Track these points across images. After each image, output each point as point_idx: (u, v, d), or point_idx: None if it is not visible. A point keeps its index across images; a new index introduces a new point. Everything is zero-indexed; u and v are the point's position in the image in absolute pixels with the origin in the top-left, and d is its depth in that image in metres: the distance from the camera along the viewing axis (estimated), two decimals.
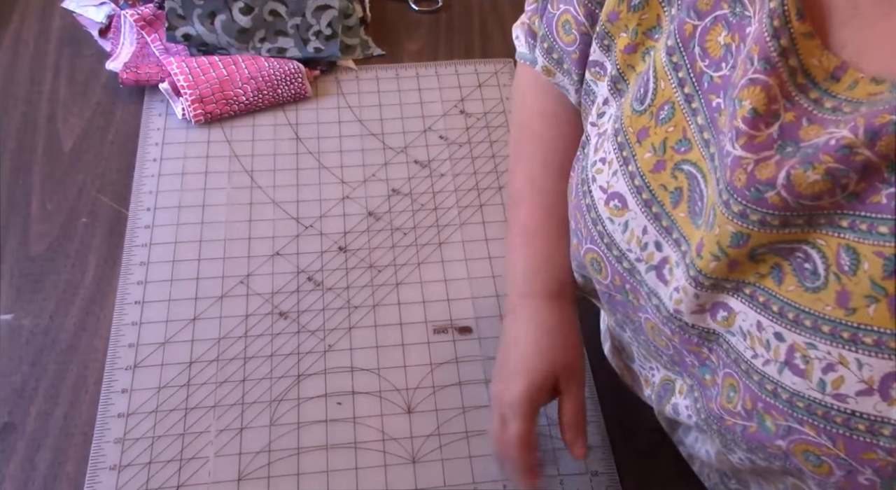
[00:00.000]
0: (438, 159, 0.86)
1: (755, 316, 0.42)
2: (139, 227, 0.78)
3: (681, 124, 0.45)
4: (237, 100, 0.87)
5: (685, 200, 0.45)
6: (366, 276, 0.77)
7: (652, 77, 0.47)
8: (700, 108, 0.44)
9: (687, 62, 0.45)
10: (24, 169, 0.83)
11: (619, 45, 0.49)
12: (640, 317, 0.52)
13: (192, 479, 0.64)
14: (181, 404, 0.67)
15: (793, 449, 0.42)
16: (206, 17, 0.89)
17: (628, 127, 0.48)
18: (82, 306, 0.73)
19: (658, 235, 0.47)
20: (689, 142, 0.45)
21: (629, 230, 0.49)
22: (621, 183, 0.49)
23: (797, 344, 0.40)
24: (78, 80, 0.91)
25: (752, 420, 0.44)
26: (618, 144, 0.49)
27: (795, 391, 0.41)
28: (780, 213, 0.39)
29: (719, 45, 0.43)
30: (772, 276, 0.41)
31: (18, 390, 0.68)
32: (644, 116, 0.47)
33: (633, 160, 0.48)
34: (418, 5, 1.02)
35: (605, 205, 0.50)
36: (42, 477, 0.64)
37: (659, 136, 0.46)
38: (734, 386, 0.45)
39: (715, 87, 0.43)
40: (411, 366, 0.71)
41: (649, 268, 0.48)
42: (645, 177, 0.47)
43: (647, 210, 0.47)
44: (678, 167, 0.46)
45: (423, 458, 0.66)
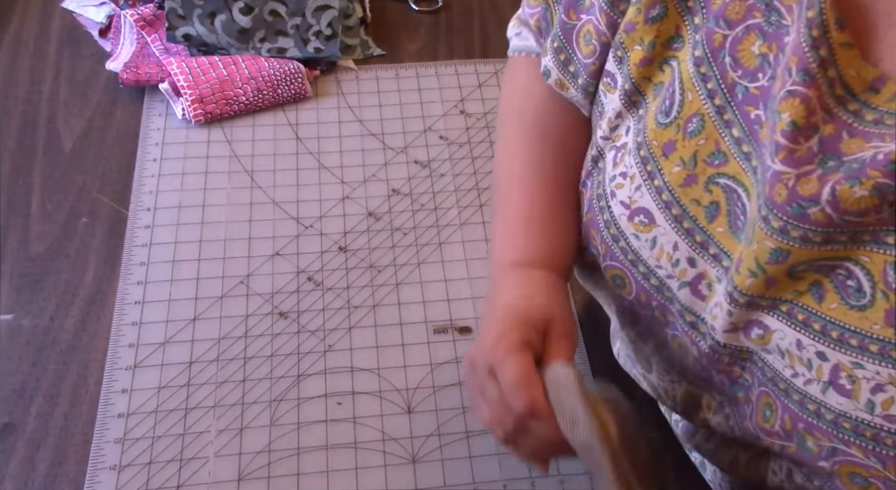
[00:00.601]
0: (438, 159, 0.86)
1: (794, 334, 0.41)
2: (139, 227, 0.78)
3: (713, 137, 0.44)
4: (237, 100, 0.87)
5: (723, 215, 0.44)
6: (366, 276, 0.77)
7: (678, 89, 0.45)
8: (734, 120, 0.43)
9: (717, 73, 0.43)
10: (24, 169, 0.83)
11: (634, 58, 0.48)
12: (667, 333, 0.51)
13: (192, 479, 0.64)
14: (181, 404, 0.67)
15: (837, 470, 0.41)
16: (206, 17, 0.89)
17: (652, 140, 0.47)
18: (82, 306, 0.73)
19: (691, 251, 0.46)
20: (724, 154, 0.43)
21: (658, 246, 0.47)
22: (646, 198, 0.47)
23: (842, 363, 0.39)
24: (78, 80, 0.91)
25: (792, 440, 0.43)
26: (641, 158, 0.48)
27: (841, 412, 0.39)
28: (823, 230, 0.38)
29: (753, 54, 0.42)
30: (811, 293, 0.40)
31: (18, 390, 0.68)
32: (670, 129, 0.46)
33: (658, 174, 0.46)
34: (418, 5, 1.02)
35: (629, 220, 0.49)
36: (42, 477, 0.64)
37: (688, 150, 0.45)
38: (771, 405, 0.44)
39: (752, 98, 0.42)
40: (411, 366, 0.71)
41: (682, 284, 0.47)
42: (674, 191, 0.46)
43: (678, 225, 0.46)
44: (713, 181, 0.44)
45: (423, 458, 0.66)
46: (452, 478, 0.65)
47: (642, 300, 0.51)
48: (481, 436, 0.67)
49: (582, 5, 0.52)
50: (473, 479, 0.65)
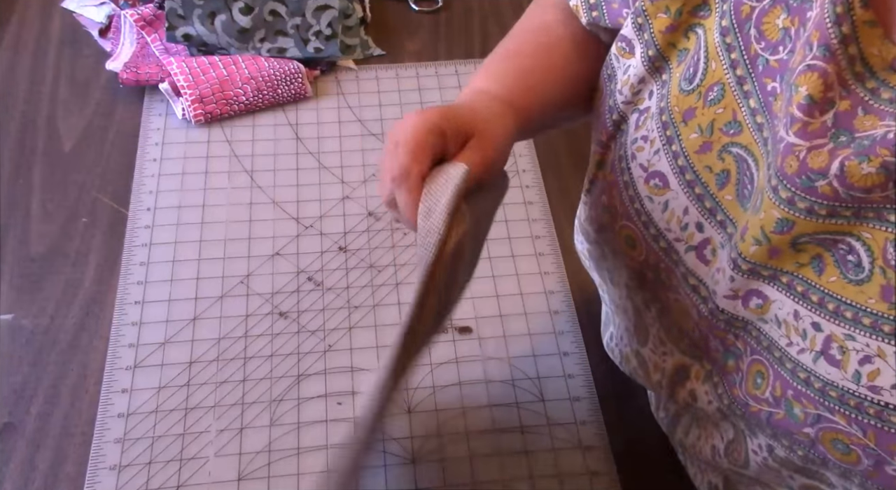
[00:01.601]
0: None
1: (792, 305, 0.42)
2: (139, 227, 0.78)
3: (731, 106, 0.45)
4: (237, 100, 0.87)
5: (733, 183, 0.45)
6: (366, 276, 0.77)
7: (703, 57, 0.46)
8: (752, 91, 0.44)
9: (741, 44, 0.44)
10: (24, 169, 0.83)
11: (658, 26, 0.48)
12: (670, 297, 0.52)
13: (192, 479, 0.64)
14: (181, 404, 0.67)
15: (821, 436, 0.43)
16: (206, 17, 0.89)
17: (674, 106, 0.48)
18: (82, 306, 0.73)
19: (700, 216, 0.47)
20: (739, 124, 0.44)
21: (669, 210, 0.49)
22: (663, 162, 0.49)
23: (835, 334, 0.40)
24: (78, 80, 0.91)
25: (780, 407, 0.44)
26: (661, 123, 0.49)
27: (829, 381, 0.41)
28: (829, 203, 0.39)
29: (777, 27, 0.42)
30: (812, 266, 0.41)
31: (18, 390, 0.68)
32: (692, 96, 0.47)
33: (677, 140, 0.48)
34: (418, 5, 1.02)
35: (645, 183, 0.50)
36: (42, 477, 0.64)
37: (707, 117, 0.46)
38: (762, 373, 0.46)
39: (771, 70, 0.43)
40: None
41: (689, 248, 0.48)
42: (689, 157, 0.47)
43: (690, 190, 0.47)
44: (726, 149, 0.45)
45: (423, 458, 0.66)
46: (452, 478, 0.65)
47: (650, 262, 0.52)
48: (481, 436, 0.67)
49: None
50: (473, 479, 0.65)
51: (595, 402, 0.70)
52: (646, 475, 0.66)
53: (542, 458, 0.66)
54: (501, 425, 0.68)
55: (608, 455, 0.67)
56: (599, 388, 0.71)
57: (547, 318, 0.75)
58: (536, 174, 0.86)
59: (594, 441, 0.67)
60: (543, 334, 0.74)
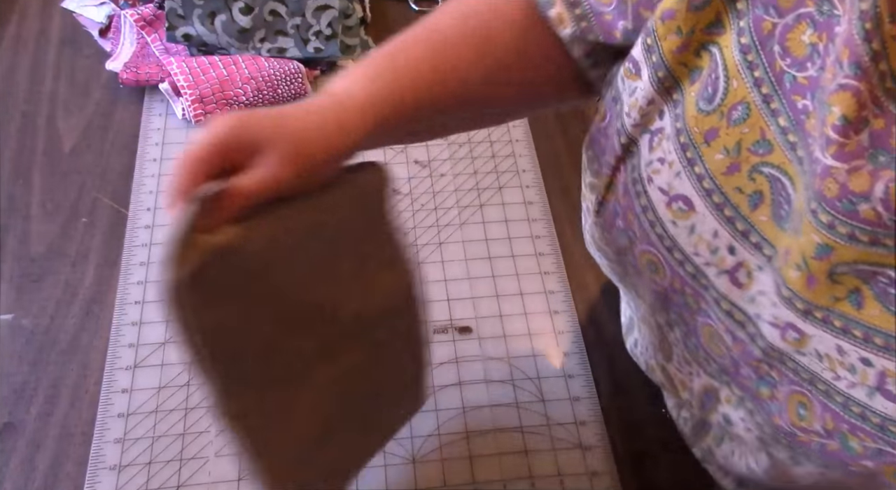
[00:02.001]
0: (438, 159, 0.86)
1: (833, 340, 0.41)
2: (139, 227, 0.78)
3: (758, 125, 0.43)
4: (237, 100, 0.87)
5: (767, 203, 0.43)
6: None
7: (722, 75, 0.44)
8: (781, 109, 0.42)
9: (765, 61, 0.42)
10: (24, 169, 0.83)
11: (668, 46, 0.46)
12: (698, 320, 0.50)
13: (192, 479, 0.64)
14: (181, 404, 0.67)
15: (884, 469, 0.41)
16: (206, 17, 0.89)
17: (693, 127, 0.46)
18: (82, 306, 0.73)
19: (732, 239, 0.45)
20: (769, 143, 0.43)
21: (696, 233, 0.47)
22: (686, 184, 0.47)
23: (889, 370, 0.39)
24: (78, 80, 0.91)
25: (834, 439, 0.43)
26: (680, 145, 0.47)
27: (888, 417, 0.39)
28: (871, 229, 0.37)
29: (803, 44, 0.41)
30: (849, 300, 0.40)
31: (18, 390, 0.68)
32: (713, 116, 0.45)
33: (700, 162, 0.46)
34: (418, 5, 1.02)
35: (667, 207, 0.48)
36: (42, 477, 0.64)
37: (732, 138, 0.44)
38: (805, 404, 0.44)
39: (800, 87, 0.41)
40: None
41: (720, 272, 0.46)
42: (716, 179, 0.45)
43: (719, 213, 0.45)
44: (756, 169, 0.43)
45: (423, 458, 0.66)
46: (452, 478, 0.65)
47: (676, 286, 0.50)
48: (481, 436, 0.67)
49: None
50: (473, 479, 0.65)
51: (595, 402, 0.70)
52: (646, 475, 0.66)
53: (542, 458, 0.66)
54: (501, 425, 0.68)
55: (608, 455, 0.67)
56: (599, 388, 0.71)
57: (547, 318, 0.75)
58: (536, 174, 0.86)
59: (594, 441, 0.67)
60: (543, 334, 0.74)
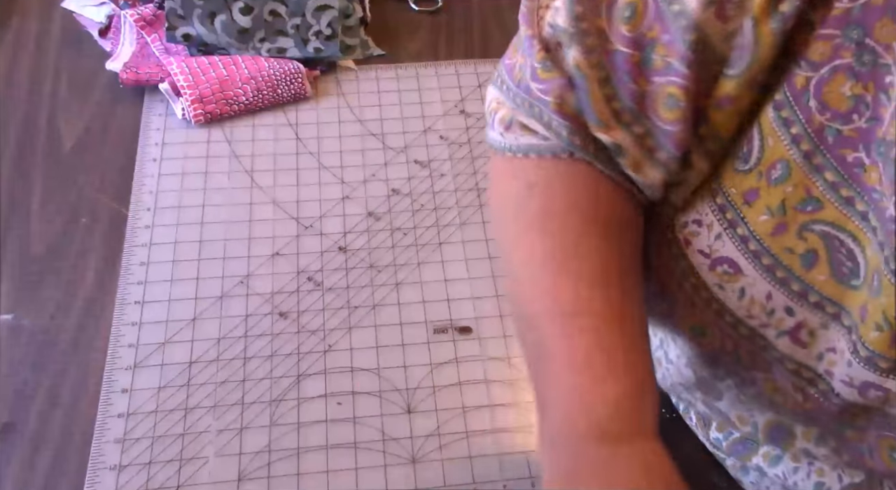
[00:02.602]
0: (438, 159, 0.86)
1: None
2: (139, 227, 0.78)
3: (802, 183, 0.41)
4: (237, 100, 0.87)
5: (824, 262, 0.42)
6: (366, 276, 0.77)
7: (757, 135, 0.42)
8: (826, 165, 0.40)
9: (801, 117, 0.41)
10: (24, 169, 0.83)
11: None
12: (758, 376, 0.48)
13: (192, 479, 0.64)
14: (181, 404, 0.67)
15: None
16: (206, 17, 0.89)
17: (730, 188, 0.44)
18: (82, 306, 0.73)
19: (788, 301, 0.44)
20: (817, 200, 0.41)
21: (747, 296, 0.45)
22: (729, 247, 0.45)
23: None
24: (78, 80, 0.91)
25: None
26: (717, 206, 0.45)
27: None
28: None
29: (844, 96, 0.39)
30: None
31: (18, 390, 0.68)
32: (751, 176, 0.43)
33: (742, 223, 0.44)
34: (418, 5, 1.02)
35: (711, 270, 0.46)
36: (42, 477, 0.64)
37: (775, 197, 0.42)
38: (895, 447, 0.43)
39: (847, 140, 0.39)
40: (411, 366, 0.71)
41: (780, 333, 0.45)
42: (762, 240, 0.43)
43: (770, 275, 0.44)
44: (806, 228, 0.42)
45: (423, 458, 0.66)
46: (452, 478, 0.65)
47: (727, 347, 0.48)
48: (481, 436, 0.67)
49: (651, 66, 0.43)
50: (473, 479, 0.65)
51: None
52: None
53: None
54: (501, 425, 0.68)
55: None
56: None
57: None
58: None
59: None
60: None
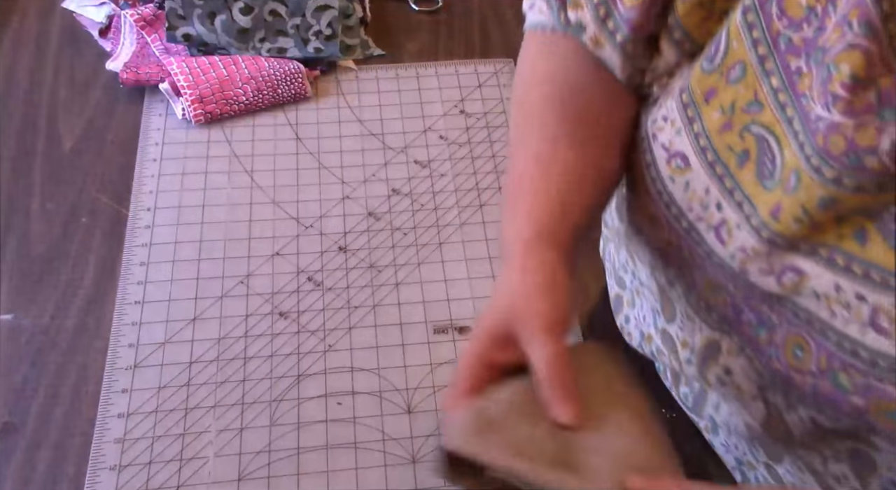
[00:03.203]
0: (438, 159, 0.86)
1: (832, 278, 0.42)
2: (139, 227, 0.78)
3: (752, 85, 0.45)
4: (237, 100, 0.87)
5: (752, 162, 0.45)
6: (366, 276, 0.77)
7: (724, 36, 0.46)
8: (775, 70, 0.44)
9: (763, 22, 0.44)
10: (24, 169, 0.83)
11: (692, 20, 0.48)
12: (696, 274, 0.52)
13: (192, 479, 0.64)
14: (181, 404, 0.67)
15: (870, 407, 0.43)
16: (206, 17, 0.89)
17: (695, 86, 0.48)
18: (82, 306, 0.73)
19: (720, 196, 0.47)
20: (760, 104, 0.44)
21: (690, 190, 0.49)
22: (685, 142, 0.48)
23: (881, 305, 0.40)
24: (78, 80, 0.91)
25: (826, 378, 0.44)
26: (682, 103, 0.49)
27: (879, 351, 0.41)
28: (879, 179, 0.39)
29: (801, 5, 0.42)
30: (854, 237, 0.41)
31: (18, 390, 0.68)
32: (713, 76, 0.47)
33: (699, 119, 0.47)
34: (418, 5, 1.02)
35: (667, 164, 0.50)
36: (42, 477, 0.64)
37: (728, 97, 0.46)
38: (802, 345, 0.46)
39: (794, 48, 0.43)
40: (411, 366, 0.71)
41: (709, 228, 0.48)
42: (711, 137, 0.47)
43: (711, 170, 0.47)
44: (747, 129, 0.45)
45: (423, 458, 0.66)
46: None
47: (673, 241, 0.52)
48: None
49: None
50: None
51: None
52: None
53: None
54: None
55: None
56: None
57: None
58: None
59: None
60: None
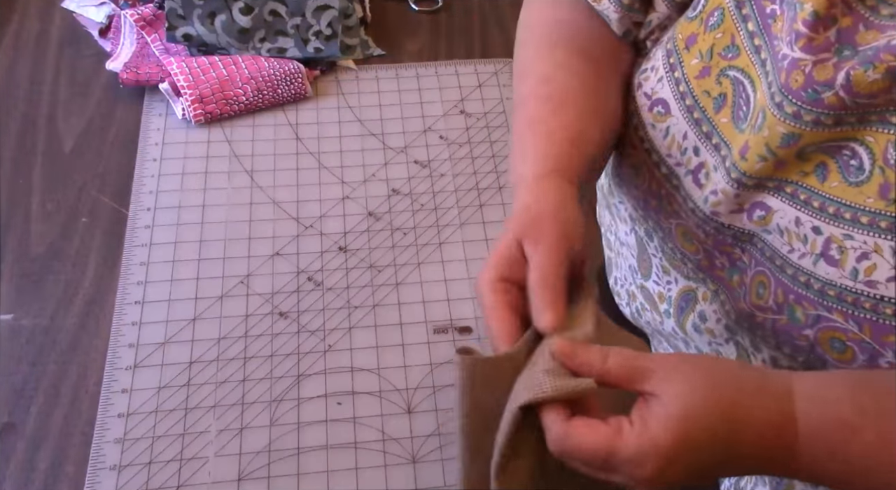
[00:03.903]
0: (438, 159, 0.86)
1: (794, 212, 0.44)
2: (139, 227, 0.78)
3: (730, 30, 0.46)
4: (237, 100, 0.87)
5: (728, 106, 0.47)
6: (366, 276, 0.77)
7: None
8: (751, 14, 0.45)
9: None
10: (24, 169, 0.83)
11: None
12: (672, 223, 0.53)
13: (192, 479, 0.64)
14: (181, 404, 0.67)
15: (819, 337, 0.45)
16: (206, 17, 0.89)
17: (678, 34, 0.50)
18: (82, 306, 0.73)
19: (697, 140, 0.49)
20: (737, 48, 0.46)
21: (670, 136, 0.50)
22: (666, 89, 0.50)
23: (834, 236, 0.42)
24: (78, 80, 0.91)
25: (783, 313, 0.46)
26: (666, 51, 0.50)
27: (828, 280, 0.43)
28: (835, 113, 0.40)
29: None
30: (815, 173, 0.43)
31: (18, 390, 0.68)
32: (694, 23, 0.49)
33: (679, 66, 0.49)
34: (418, 5, 1.02)
35: (649, 111, 0.51)
36: (42, 477, 0.64)
37: (707, 43, 0.48)
38: (764, 283, 0.48)
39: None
40: (411, 366, 0.71)
41: (687, 172, 0.50)
42: (690, 83, 0.49)
43: (689, 115, 0.49)
44: (724, 73, 0.47)
45: (423, 458, 0.66)
46: (452, 478, 0.65)
47: (653, 189, 0.53)
48: None
49: None
50: None
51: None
52: None
53: None
54: None
55: None
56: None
57: None
58: None
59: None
60: None
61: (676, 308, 0.58)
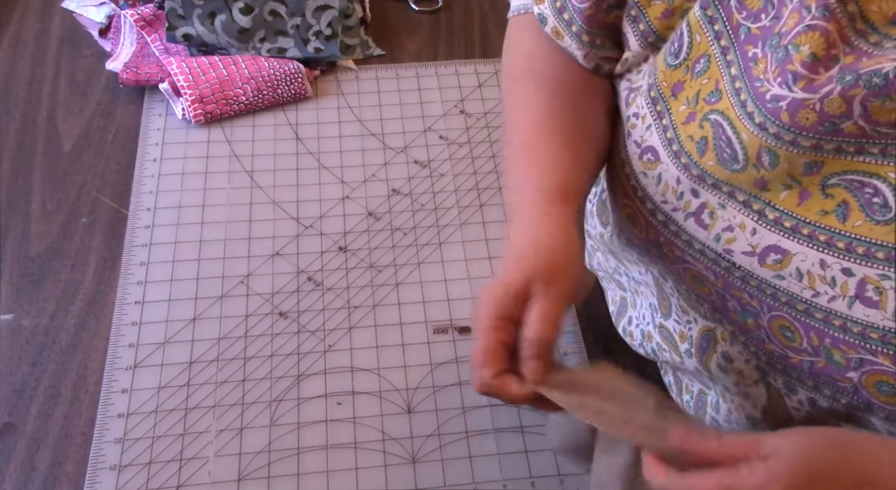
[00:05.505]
0: (438, 159, 0.86)
1: (817, 255, 0.43)
2: (139, 227, 0.78)
3: (714, 76, 0.46)
4: (237, 100, 0.87)
5: (711, 149, 0.46)
6: (366, 276, 0.77)
7: (686, 31, 0.48)
8: (735, 60, 0.45)
9: (723, 15, 0.46)
10: (24, 169, 0.83)
11: (654, 13, 0.50)
12: (679, 267, 0.53)
13: (192, 479, 0.64)
14: (181, 404, 0.67)
15: (865, 381, 0.43)
16: (206, 17, 0.89)
17: (662, 81, 0.49)
18: (82, 306, 0.73)
19: (692, 183, 0.48)
20: (720, 92, 0.46)
21: (663, 182, 0.50)
22: (654, 137, 0.50)
23: (868, 277, 0.41)
24: (78, 80, 0.91)
25: (820, 355, 0.45)
26: (651, 99, 0.50)
27: (868, 323, 0.42)
28: (856, 140, 0.40)
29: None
30: (836, 214, 0.42)
31: (18, 390, 0.68)
32: (679, 70, 0.48)
33: (667, 113, 0.49)
34: (418, 5, 1.02)
35: (639, 159, 0.51)
36: (42, 477, 0.64)
37: (693, 89, 0.48)
38: (788, 326, 0.47)
39: (752, 37, 0.44)
40: (411, 366, 0.71)
41: (687, 215, 0.49)
42: (677, 129, 0.48)
43: (677, 160, 0.49)
44: (706, 117, 0.47)
45: (423, 458, 0.66)
46: (452, 478, 0.65)
47: (651, 237, 0.53)
48: (481, 436, 0.67)
49: None
50: (473, 479, 0.65)
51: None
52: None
53: (542, 458, 0.66)
54: (501, 425, 0.68)
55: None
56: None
57: None
58: None
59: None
60: None
61: (698, 348, 0.57)
